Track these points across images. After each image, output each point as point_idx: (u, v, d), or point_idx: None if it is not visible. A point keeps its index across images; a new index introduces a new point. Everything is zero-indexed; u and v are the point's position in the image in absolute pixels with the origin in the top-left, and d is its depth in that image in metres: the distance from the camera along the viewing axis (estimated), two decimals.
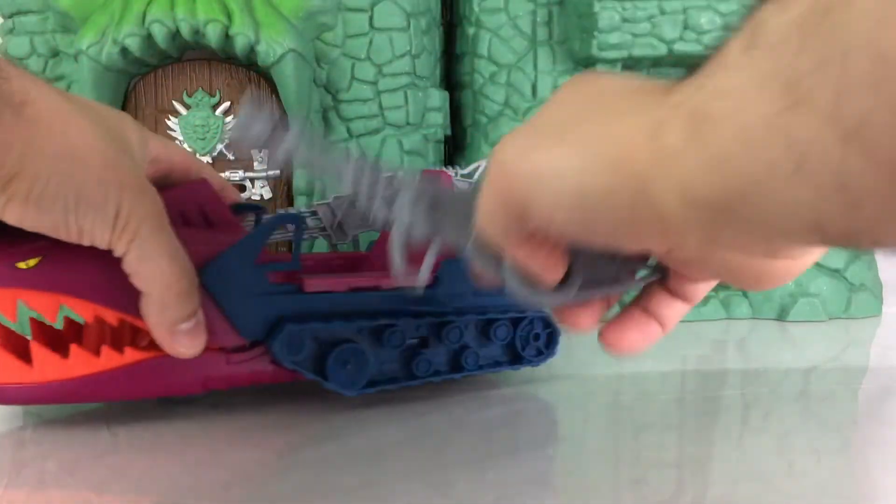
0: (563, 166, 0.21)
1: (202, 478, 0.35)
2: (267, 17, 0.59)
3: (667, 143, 0.19)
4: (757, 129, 0.17)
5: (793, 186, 0.17)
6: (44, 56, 0.65)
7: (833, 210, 0.17)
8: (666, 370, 0.53)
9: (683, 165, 0.19)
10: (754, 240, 0.20)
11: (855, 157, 0.15)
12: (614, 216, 0.21)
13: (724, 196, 0.18)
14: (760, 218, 0.18)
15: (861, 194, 0.16)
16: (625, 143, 0.20)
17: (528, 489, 0.34)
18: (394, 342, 0.43)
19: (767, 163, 0.17)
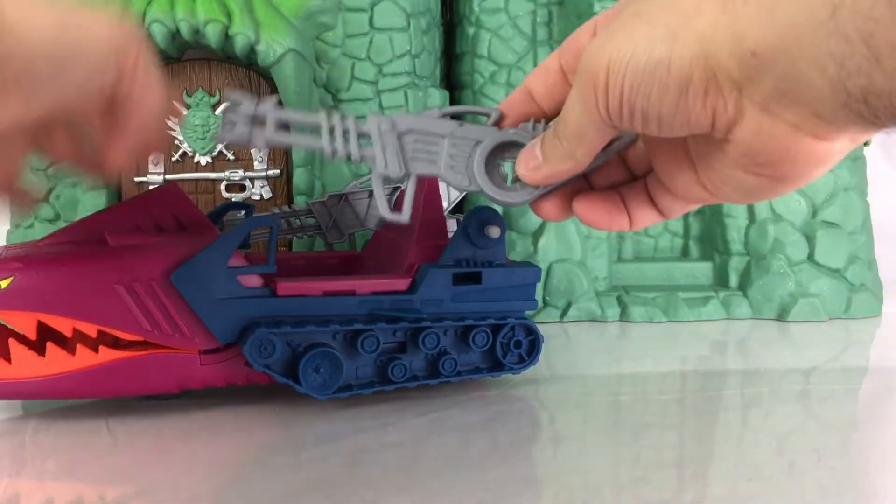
0: (634, 43, 0.24)
1: (202, 477, 0.35)
2: (267, 17, 0.59)
3: (734, 4, 0.22)
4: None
5: (826, 35, 0.19)
6: None
7: (856, 64, 0.19)
8: (666, 370, 0.53)
9: (741, 18, 0.22)
10: (791, 99, 0.22)
11: (882, 6, 0.18)
12: (676, 78, 0.23)
13: (769, 46, 0.21)
14: (795, 71, 0.21)
15: (883, 47, 0.18)
16: (688, 13, 0.23)
17: (528, 489, 0.34)
18: (369, 347, 0.43)
19: (808, 8, 0.20)
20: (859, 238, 0.70)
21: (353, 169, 0.67)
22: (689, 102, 0.24)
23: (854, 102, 0.20)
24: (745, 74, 0.22)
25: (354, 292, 0.43)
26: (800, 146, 0.23)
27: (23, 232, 0.67)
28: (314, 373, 0.42)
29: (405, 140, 0.32)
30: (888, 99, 0.20)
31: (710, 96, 0.23)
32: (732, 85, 0.23)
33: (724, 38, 0.22)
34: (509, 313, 0.46)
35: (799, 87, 0.21)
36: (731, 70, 0.23)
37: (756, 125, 0.23)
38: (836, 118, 0.22)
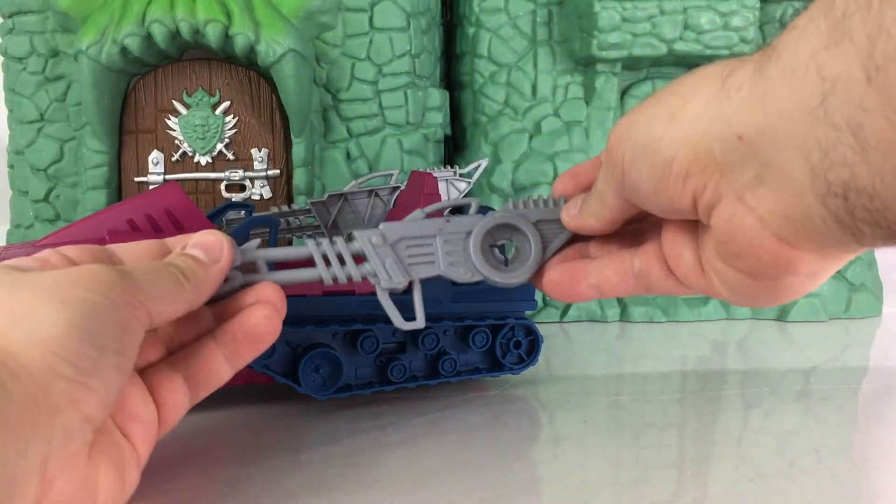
0: (641, 121, 0.25)
1: (202, 478, 0.35)
2: (267, 17, 0.59)
3: (730, 84, 0.22)
4: (799, 62, 0.20)
5: (814, 122, 0.19)
6: (44, 56, 0.65)
7: (841, 154, 0.19)
8: (666, 370, 0.53)
9: (732, 103, 0.22)
10: (768, 189, 0.22)
11: (874, 97, 0.18)
12: (661, 158, 0.24)
13: (757, 130, 0.21)
14: (779, 159, 0.21)
15: (871, 138, 0.18)
16: (687, 95, 0.24)
17: (528, 489, 0.34)
18: (368, 347, 0.43)
19: (798, 95, 0.20)
20: None
21: (353, 169, 0.67)
22: (670, 183, 0.24)
23: (832, 198, 0.20)
24: (729, 159, 0.22)
25: (354, 292, 0.43)
26: (763, 243, 0.23)
27: (23, 232, 0.67)
28: (314, 373, 0.42)
29: (399, 248, 0.32)
30: (867, 197, 0.19)
31: (690, 179, 0.24)
32: (714, 168, 0.23)
33: (712, 121, 0.22)
34: (509, 313, 0.46)
35: (778, 177, 0.21)
36: (715, 153, 0.23)
37: (729, 212, 0.23)
38: (806, 219, 0.21)
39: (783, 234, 0.22)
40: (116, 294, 0.25)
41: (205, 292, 0.30)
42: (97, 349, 0.24)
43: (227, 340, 0.31)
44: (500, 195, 0.69)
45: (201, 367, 0.30)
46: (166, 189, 0.46)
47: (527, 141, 0.69)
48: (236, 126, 0.63)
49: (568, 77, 0.70)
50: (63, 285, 0.25)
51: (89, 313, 0.24)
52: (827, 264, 0.23)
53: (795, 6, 0.69)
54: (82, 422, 0.23)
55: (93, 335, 0.24)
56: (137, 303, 0.26)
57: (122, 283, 0.26)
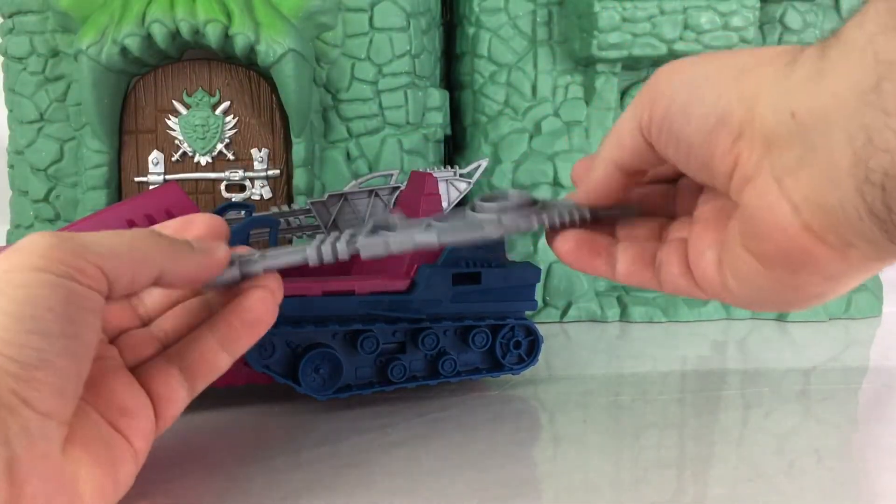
0: (701, 70, 0.25)
1: (202, 478, 0.35)
2: (267, 17, 0.59)
3: (799, 60, 0.22)
4: (857, 45, 0.19)
5: (865, 106, 0.19)
6: (44, 56, 0.65)
7: (885, 139, 0.18)
8: (666, 370, 0.53)
9: (793, 80, 0.22)
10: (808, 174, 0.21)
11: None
12: (720, 109, 0.23)
13: (809, 110, 0.21)
14: (825, 142, 0.20)
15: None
16: (759, 62, 0.23)
17: (528, 489, 0.34)
18: (368, 348, 0.43)
19: (853, 77, 0.19)
20: None
21: (353, 169, 0.67)
22: (719, 139, 0.23)
23: (870, 187, 0.19)
24: (778, 134, 0.22)
25: (354, 292, 0.43)
26: (788, 229, 0.22)
27: (23, 232, 0.67)
28: (314, 373, 0.42)
29: None
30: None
31: (739, 142, 0.23)
32: (763, 141, 0.22)
33: (775, 90, 0.22)
34: (509, 313, 0.46)
35: (821, 161, 0.21)
36: (767, 126, 0.22)
37: (762, 190, 0.23)
38: (840, 209, 0.21)
39: (812, 224, 0.22)
40: (56, 263, 0.23)
41: (183, 263, 0.27)
42: (41, 337, 0.22)
43: (223, 327, 0.30)
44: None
45: (197, 357, 0.29)
46: (166, 189, 0.46)
47: (527, 141, 0.69)
48: (236, 126, 0.63)
49: (568, 77, 0.70)
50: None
51: (27, 298, 0.22)
52: (848, 269, 0.23)
53: (796, 6, 0.69)
54: (42, 419, 0.22)
55: (34, 322, 0.22)
56: (86, 265, 0.23)
57: (61, 248, 0.23)
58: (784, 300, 0.25)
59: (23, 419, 0.22)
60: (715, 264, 0.26)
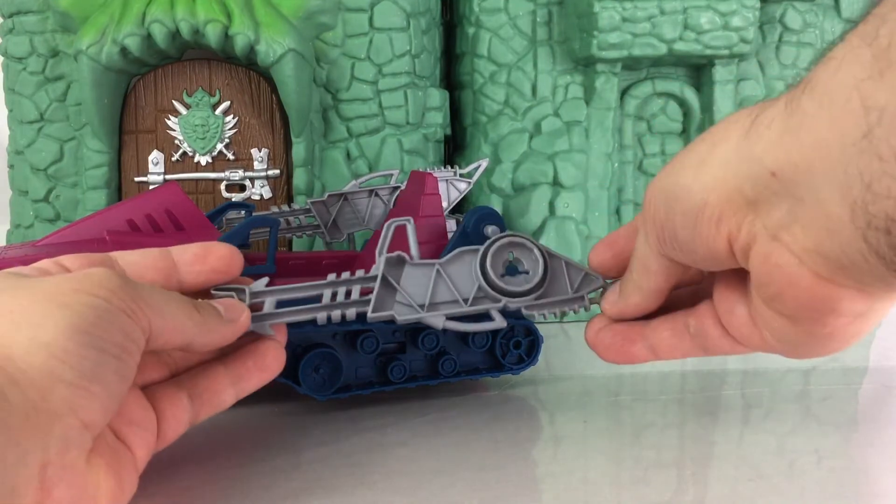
0: (672, 172, 0.25)
1: (202, 478, 0.35)
2: (267, 17, 0.59)
3: (760, 122, 0.22)
4: (840, 92, 0.19)
5: (857, 154, 0.18)
6: (44, 56, 0.65)
7: (886, 185, 0.18)
8: (666, 370, 0.53)
9: (763, 141, 0.21)
10: (801, 226, 0.21)
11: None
12: (693, 203, 0.24)
13: (792, 165, 0.20)
14: (815, 194, 0.20)
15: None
16: (716, 140, 0.23)
17: (528, 489, 0.34)
18: (368, 348, 0.43)
19: (839, 126, 0.19)
20: None
21: (353, 169, 0.67)
22: (704, 228, 0.24)
23: (873, 232, 0.19)
24: (762, 197, 0.22)
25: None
26: (800, 281, 0.22)
27: (23, 232, 0.67)
28: (314, 373, 0.42)
29: None
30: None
31: (723, 222, 0.23)
32: (748, 209, 0.22)
33: (742, 161, 0.22)
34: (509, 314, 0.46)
35: (812, 213, 0.20)
36: (747, 193, 0.22)
37: (765, 252, 0.23)
38: (842, 255, 0.20)
39: (820, 271, 0.22)
40: (118, 299, 0.25)
41: (211, 336, 0.29)
42: (99, 353, 0.24)
43: (237, 366, 0.31)
44: (500, 195, 0.69)
45: (208, 387, 0.31)
46: (166, 189, 0.46)
47: (527, 141, 0.69)
48: (236, 126, 0.63)
49: (568, 77, 0.70)
50: (65, 289, 0.24)
51: (91, 317, 0.24)
52: (872, 303, 0.23)
53: (796, 6, 0.69)
54: (81, 428, 0.23)
55: (94, 339, 0.24)
56: (140, 310, 0.25)
57: (125, 289, 0.25)
58: (826, 347, 0.25)
59: (65, 426, 0.23)
60: (747, 320, 0.27)
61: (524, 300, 0.34)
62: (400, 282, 0.34)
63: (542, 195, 0.67)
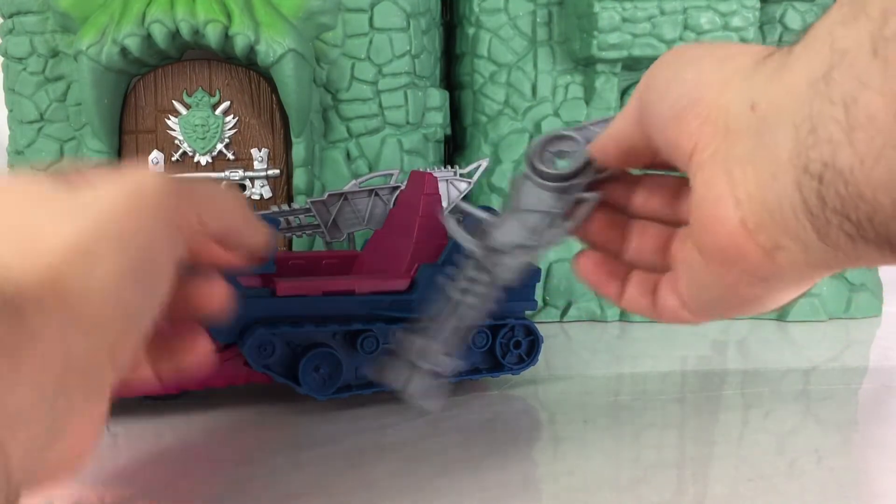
0: (690, 57, 0.25)
1: (202, 478, 0.35)
2: (267, 17, 0.59)
3: (771, 57, 0.22)
4: (819, 36, 0.19)
5: (814, 96, 0.19)
6: (44, 56, 0.65)
7: (828, 131, 0.18)
8: (666, 370, 0.53)
9: (759, 75, 0.22)
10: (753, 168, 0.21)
11: (876, 71, 0.17)
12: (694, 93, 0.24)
13: (768, 101, 0.21)
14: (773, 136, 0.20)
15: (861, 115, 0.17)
16: (734, 54, 0.24)
17: (528, 489, 0.34)
18: (369, 347, 0.43)
19: (808, 67, 0.19)
20: None
21: (353, 169, 0.67)
22: (689, 117, 0.24)
23: (808, 178, 0.19)
24: (736, 126, 0.22)
25: (354, 292, 0.43)
26: (727, 222, 0.22)
27: None
28: (314, 373, 0.42)
29: None
30: (843, 182, 0.18)
31: (705, 125, 0.23)
32: (724, 129, 0.23)
33: (742, 83, 0.22)
34: (509, 313, 0.46)
35: (766, 155, 0.21)
36: (731, 114, 0.22)
37: (711, 180, 0.23)
38: (776, 205, 0.21)
39: (748, 221, 0.22)
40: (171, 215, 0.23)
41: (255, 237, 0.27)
42: (149, 298, 0.22)
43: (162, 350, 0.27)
44: (500, 195, 0.69)
45: None
46: None
47: (527, 141, 0.69)
48: (236, 126, 0.63)
49: (568, 77, 0.70)
50: (120, 214, 0.22)
51: (146, 258, 0.22)
52: (776, 273, 0.23)
53: (795, 6, 0.69)
54: (115, 371, 0.21)
55: (145, 283, 0.22)
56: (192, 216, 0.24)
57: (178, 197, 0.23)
58: (725, 302, 0.25)
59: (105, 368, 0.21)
60: None
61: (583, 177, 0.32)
62: None
63: None
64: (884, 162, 0.17)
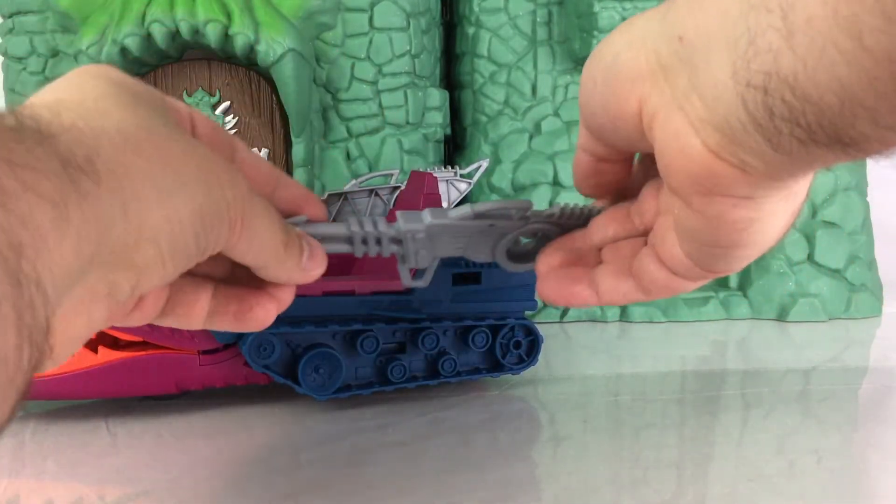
0: (601, 45, 0.25)
1: (202, 478, 0.35)
2: (267, 17, 0.59)
3: None
4: None
5: (748, 11, 0.19)
6: (44, 56, 0.65)
7: (767, 40, 0.18)
8: (666, 370, 0.53)
9: (678, 7, 0.22)
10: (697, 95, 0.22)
11: None
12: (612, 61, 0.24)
13: (695, 28, 0.21)
14: (708, 60, 0.20)
15: (799, 20, 0.17)
16: (646, 15, 0.24)
17: (528, 489, 0.34)
18: (368, 348, 0.43)
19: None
20: (859, 238, 0.70)
21: (353, 169, 0.67)
22: (620, 88, 0.24)
23: (752, 91, 0.19)
24: (670, 63, 0.22)
25: (354, 292, 0.43)
26: (692, 151, 0.22)
27: None
28: (313, 373, 0.42)
29: (435, 239, 0.32)
30: (789, 88, 0.18)
31: (637, 83, 0.23)
32: (661, 75, 0.23)
33: (660, 24, 0.23)
34: (509, 313, 0.46)
35: (705, 79, 0.21)
36: (662, 57, 0.23)
37: (667, 120, 0.23)
38: (726, 123, 0.21)
39: (709, 143, 0.22)
40: (234, 210, 0.24)
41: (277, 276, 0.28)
42: (198, 252, 0.23)
43: (222, 301, 0.28)
44: (500, 195, 0.69)
45: (186, 300, 0.28)
46: None
47: (527, 141, 0.69)
48: (236, 126, 0.63)
49: (568, 77, 0.70)
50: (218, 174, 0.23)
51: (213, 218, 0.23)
52: (755, 189, 0.23)
53: None
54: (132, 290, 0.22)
55: (201, 238, 0.23)
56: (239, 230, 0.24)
57: (246, 201, 0.24)
58: (723, 239, 0.24)
59: None
60: (675, 243, 0.26)
61: None
62: None
63: (542, 195, 0.67)
64: (826, 61, 0.17)
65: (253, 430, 0.41)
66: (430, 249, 0.32)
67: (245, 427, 0.41)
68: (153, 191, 0.21)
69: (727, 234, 0.24)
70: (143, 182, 0.21)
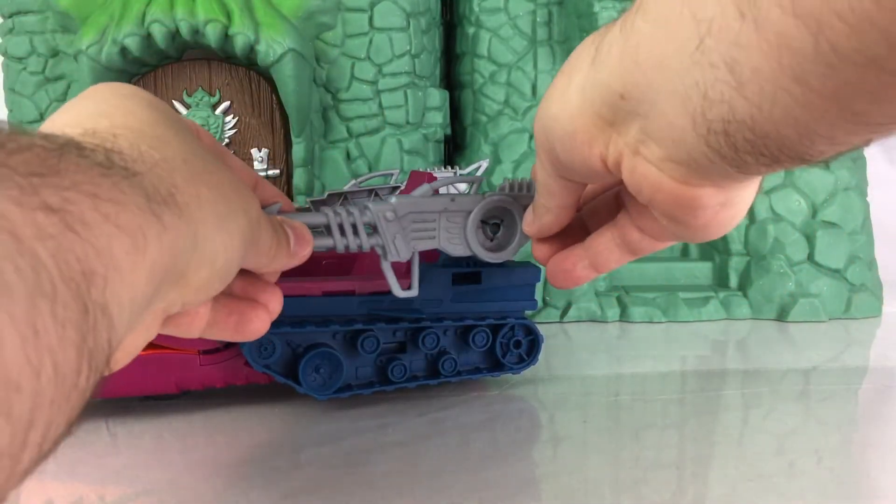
0: (546, 102, 0.27)
1: (202, 478, 0.35)
2: (267, 17, 0.59)
3: (602, 49, 0.24)
4: (672, 9, 0.20)
5: (692, 65, 0.20)
6: (44, 56, 0.65)
7: (719, 91, 0.19)
8: (666, 370, 0.53)
9: (606, 67, 0.23)
10: (653, 140, 0.23)
11: (748, 31, 0.18)
12: (567, 130, 0.26)
13: (635, 85, 0.22)
14: (658, 110, 0.22)
15: (746, 72, 0.18)
16: (572, 71, 0.25)
17: (528, 489, 0.34)
18: (369, 347, 0.43)
19: (673, 41, 0.20)
20: (859, 238, 0.70)
21: (353, 169, 0.67)
22: (579, 151, 0.26)
23: (713, 135, 0.20)
24: (618, 118, 0.24)
25: (354, 292, 0.43)
26: (663, 186, 0.24)
27: None
28: (314, 373, 0.42)
29: (405, 221, 0.34)
30: (748, 128, 0.20)
31: (594, 144, 0.25)
32: (611, 129, 0.24)
33: (594, 87, 0.24)
34: (509, 313, 0.46)
35: (658, 126, 0.22)
36: (606, 116, 0.24)
37: (631, 166, 0.24)
38: (691, 160, 0.22)
39: (676, 176, 0.23)
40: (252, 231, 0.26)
41: (271, 266, 0.29)
42: (222, 284, 0.25)
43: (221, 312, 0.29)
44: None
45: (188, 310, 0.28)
46: None
47: (527, 141, 0.69)
48: (236, 126, 0.63)
49: None
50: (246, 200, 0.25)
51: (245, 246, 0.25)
52: (728, 193, 0.24)
53: None
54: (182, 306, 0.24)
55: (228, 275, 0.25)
56: (254, 248, 0.26)
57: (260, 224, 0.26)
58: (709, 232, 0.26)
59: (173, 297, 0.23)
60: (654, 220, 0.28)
61: None
62: None
63: None
64: (780, 103, 0.18)
65: (253, 430, 0.41)
66: (404, 237, 0.34)
67: (245, 427, 0.41)
68: (214, 218, 0.23)
69: (714, 230, 0.26)
70: (207, 211, 0.23)
